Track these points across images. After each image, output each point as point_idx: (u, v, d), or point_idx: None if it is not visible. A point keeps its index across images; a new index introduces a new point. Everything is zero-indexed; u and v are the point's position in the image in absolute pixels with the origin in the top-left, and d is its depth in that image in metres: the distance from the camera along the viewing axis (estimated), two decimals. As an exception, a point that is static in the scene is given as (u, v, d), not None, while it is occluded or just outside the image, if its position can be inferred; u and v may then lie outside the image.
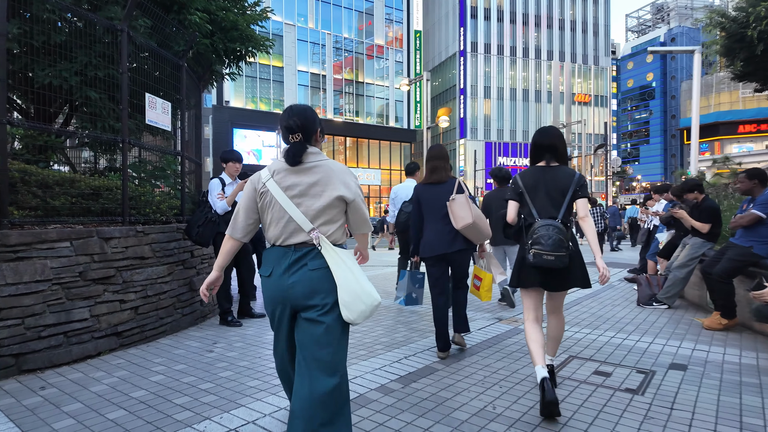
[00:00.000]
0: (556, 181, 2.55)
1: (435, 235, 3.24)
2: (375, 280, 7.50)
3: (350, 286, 1.72)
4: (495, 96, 48.92)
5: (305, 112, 1.87)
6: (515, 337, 3.87)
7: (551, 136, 2.64)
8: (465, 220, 3.09)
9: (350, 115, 40.80)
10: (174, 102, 4.67)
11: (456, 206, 3.15)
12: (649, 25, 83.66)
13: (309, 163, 1.82)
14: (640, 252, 7.79)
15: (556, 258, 2.36)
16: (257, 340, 3.73)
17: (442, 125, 17.40)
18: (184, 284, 4.22)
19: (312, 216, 1.77)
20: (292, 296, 1.73)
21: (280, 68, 37.54)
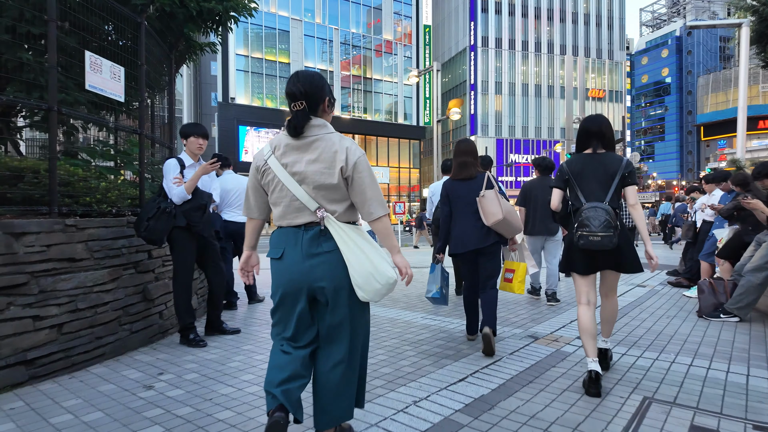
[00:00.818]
0: (604, 167, 2.57)
1: (466, 231, 3.20)
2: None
3: (362, 267, 1.64)
4: (506, 92, 47.71)
5: (312, 78, 1.72)
6: (561, 365, 2.93)
7: (600, 122, 2.65)
8: (495, 216, 3.04)
9: (358, 112, 39.92)
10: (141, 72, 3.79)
11: (486, 202, 3.10)
12: (664, 20, 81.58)
13: (311, 137, 1.69)
14: (684, 251, 6.79)
15: (603, 238, 2.39)
16: (217, 369, 2.83)
17: (454, 117, 16.43)
18: (135, 293, 3.34)
19: (316, 194, 1.66)
20: (310, 278, 1.66)
21: (286, 64, 36.78)
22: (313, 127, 1.70)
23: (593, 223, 2.41)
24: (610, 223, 2.40)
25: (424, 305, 4.84)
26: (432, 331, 3.74)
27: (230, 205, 4.58)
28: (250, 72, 35.46)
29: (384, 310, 4.62)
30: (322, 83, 1.73)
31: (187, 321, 3.33)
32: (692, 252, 6.26)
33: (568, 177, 2.64)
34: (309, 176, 1.66)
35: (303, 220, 1.68)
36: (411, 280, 1.78)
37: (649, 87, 78.52)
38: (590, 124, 2.66)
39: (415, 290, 5.85)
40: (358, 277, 1.64)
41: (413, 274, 1.81)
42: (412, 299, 5.23)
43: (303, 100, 1.67)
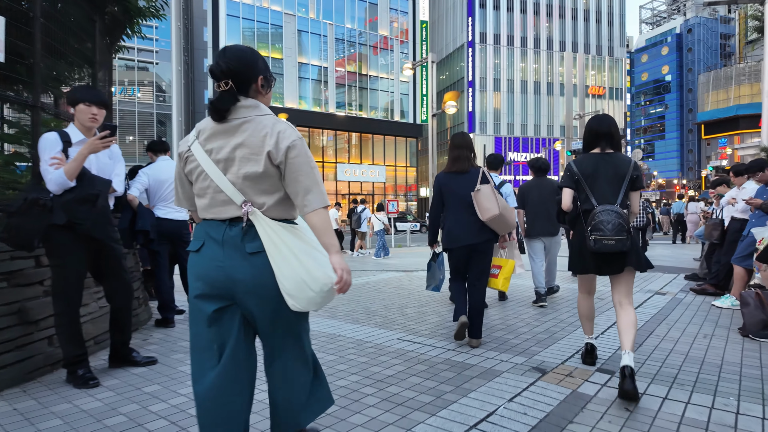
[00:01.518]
0: (614, 168, 2.55)
1: (460, 226, 3.14)
2: (406, 286, 5.74)
3: (293, 272, 1.41)
4: (505, 89, 46.88)
5: (242, 53, 1.49)
6: (581, 419, 2.08)
7: (608, 123, 2.64)
8: (491, 212, 2.99)
9: (353, 109, 39.03)
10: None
11: (482, 197, 3.04)
12: (664, 17, 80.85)
13: (238, 119, 1.45)
14: (707, 254, 5.94)
15: (617, 242, 2.39)
16: (92, 428, 1.98)
17: (449, 111, 15.58)
18: (7, 313, 2.49)
19: (241, 185, 1.44)
20: (231, 284, 1.43)
21: (279, 60, 35.89)
22: (241, 108, 1.46)
23: (607, 227, 2.39)
24: (623, 227, 2.39)
25: (405, 320, 4.00)
26: (407, 362, 2.88)
27: (164, 200, 3.72)
28: (242, 68, 34.58)
29: (354, 328, 3.77)
30: (253, 59, 1.51)
31: (73, 353, 2.47)
32: (718, 254, 5.41)
33: (578, 177, 2.59)
34: (234, 164, 1.45)
35: (229, 215, 1.46)
36: (347, 287, 1.46)
37: (648, 85, 77.80)
38: (599, 124, 2.64)
39: (398, 299, 5.00)
40: (288, 284, 1.41)
41: (351, 281, 1.48)
42: (391, 311, 4.38)
43: (229, 78, 1.43)
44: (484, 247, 3.16)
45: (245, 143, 1.43)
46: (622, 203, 2.52)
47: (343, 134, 39.08)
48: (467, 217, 3.10)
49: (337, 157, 38.66)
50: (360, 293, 5.52)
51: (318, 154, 37.68)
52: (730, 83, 47.52)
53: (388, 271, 7.81)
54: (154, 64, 31.97)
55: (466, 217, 3.10)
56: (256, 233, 1.43)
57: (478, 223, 3.09)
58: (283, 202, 1.50)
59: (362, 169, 39.51)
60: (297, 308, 1.44)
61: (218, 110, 1.44)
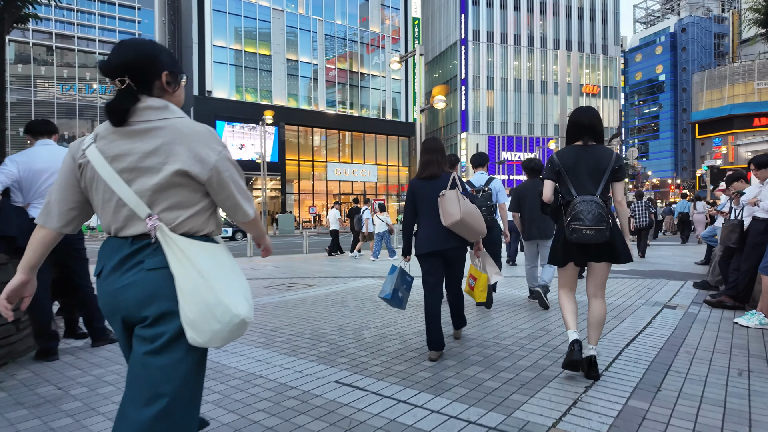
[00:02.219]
0: (595, 160, 2.56)
1: (429, 232, 3.06)
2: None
3: (198, 295, 1.21)
4: (498, 87, 46.21)
5: (139, 46, 1.32)
6: None
7: (591, 116, 2.64)
8: (453, 218, 2.89)
9: (345, 107, 38.18)
10: None
11: (445, 202, 2.95)
12: (658, 16, 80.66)
13: (144, 123, 1.28)
14: (722, 260, 5.16)
15: (597, 232, 2.38)
16: None
17: (438, 106, 14.77)
18: None
19: (149, 198, 1.27)
20: (123, 304, 1.27)
21: (267, 56, 35.01)
22: (146, 110, 1.28)
23: (586, 217, 2.39)
24: (603, 217, 2.39)
25: (358, 348, 3.17)
26: (332, 428, 2.05)
27: (41, 196, 2.88)
28: (228, 64, 33.64)
29: (286, 362, 2.93)
30: (153, 53, 1.32)
31: None
32: (736, 260, 4.63)
33: (559, 169, 2.61)
34: (142, 174, 1.26)
35: (133, 231, 1.28)
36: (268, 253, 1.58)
37: (642, 84, 77.58)
38: (581, 116, 2.65)
39: (359, 317, 4.17)
40: (190, 311, 1.21)
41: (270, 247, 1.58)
42: (345, 335, 3.54)
43: (124, 75, 1.27)
44: (453, 254, 3.08)
45: (158, 151, 1.25)
46: (603, 194, 2.52)
47: (333, 133, 38.22)
48: (437, 223, 3.02)
49: (327, 156, 37.80)
50: (318, 307, 4.69)
51: (308, 153, 36.81)
52: (724, 82, 47.27)
53: (362, 278, 6.98)
54: (137, 59, 30.94)
55: (436, 222, 3.02)
56: (160, 249, 1.27)
57: (447, 230, 3.00)
58: (200, 216, 1.33)
59: (353, 169, 38.66)
60: (198, 343, 1.23)
61: (115, 112, 1.26)
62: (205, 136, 1.30)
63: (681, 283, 6.06)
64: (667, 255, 10.38)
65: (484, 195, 4.40)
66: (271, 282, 6.57)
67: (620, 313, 4.24)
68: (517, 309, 4.53)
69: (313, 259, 10.54)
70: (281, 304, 4.84)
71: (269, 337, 3.48)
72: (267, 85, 35.02)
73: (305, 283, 6.43)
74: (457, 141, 45.96)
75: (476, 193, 4.40)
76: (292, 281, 6.67)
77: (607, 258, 2.56)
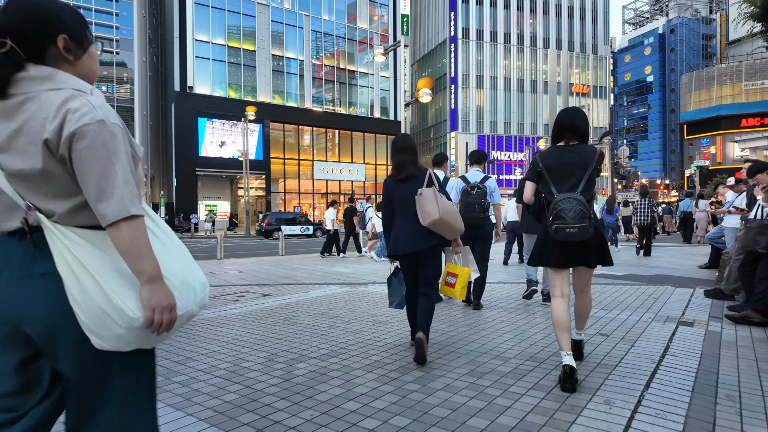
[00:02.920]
0: (578, 159, 2.54)
1: (406, 232, 2.98)
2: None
3: (88, 299, 1.06)
4: (488, 86, 45.61)
5: (32, 3, 1.10)
6: None
7: (574, 115, 2.62)
8: (431, 216, 2.81)
9: (332, 105, 37.27)
10: None
11: (423, 201, 2.87)
12: (647, 17, 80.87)
13: (19, 96, 1.08)
14: (743, 266, 4.41)
15: (579, 230, 2.36)
16: None
17: (423, 99, 14.01)
18: None
19: (21, 186, 1.09)
20: (18, 318, 1.09)
21: (251, 52, 34.00)
22: (25, 80, 1.08)
23: (568, 215, 2.37)
24: (584, 214, 2.37)
25: (278, 396, 2.34)
26: None
27: None
28: (211, 60, 32.55)
29: (164, 426, 2.09)
30: (49, 12, 1.11)
31: None
32: (765, 268, 3.87)
33: (540, 169, 2.60)
34: (8, 157, 1.09)
35: (15, 225, 1.11)
36: (164, 329, 1.10)
37: (631, 85, 77.68)
38: (563, 117, 2.65)
39: (306, 340, 3.33)
40: (84, 315, 1.06)
41: (171, 319, 1.10)
42: (271, 371, 2.70)
43: (5, 37, 1.06)
44: (429, 253, 2.99)
45: (22, 129, 1.06)
46: (585, 192, 2.49)
47: (320, 131, 37.30)
48: (413, 223, 2.95)
49: (314, 154, 36.85)
50: (259, 326, 3.84)
51: (294, 151, 35.84)
52: (712, 83, 47.29)
53: (329, 285, 6.14)
54: (114, 53, 29.74)
55: (412, 223, 2.96)
56: (47, 248, 1.10)
57: (425, 230, 2.93)
58: (83, 208, 1.12)
59: (341, 167, 37.75)
60: (102, 346, 1.09)
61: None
62: (77, 106, 1.05)
63: (689, 291, 5.32)
64: (666, 257, 9.68)
65: (478, 192, 4.31)
66: (221, 291, 5.70)
67: (627, 333, 3.46)
68: (503, 307, 3.72)
69: (286, 262, 9.67)
70: (214, 322, 3.99)
71: (165, 376, 2.62)
72: (251, 82, 34.01)
73: (261, 292, 5.57)
74: (447, 140, 45.26)
75: (470, 189, 4.33)
76: (246, 289, 5.80)
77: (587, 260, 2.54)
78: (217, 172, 32.28)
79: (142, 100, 32.28)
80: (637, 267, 7.85)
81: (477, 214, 4.24)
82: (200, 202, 32.97)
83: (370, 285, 6.13)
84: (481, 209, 4.26)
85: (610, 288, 5.60)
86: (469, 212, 4.22)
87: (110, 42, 29.99)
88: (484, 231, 4.35)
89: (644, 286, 5.70)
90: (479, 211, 4.23)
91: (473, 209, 4.24)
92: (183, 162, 31.24)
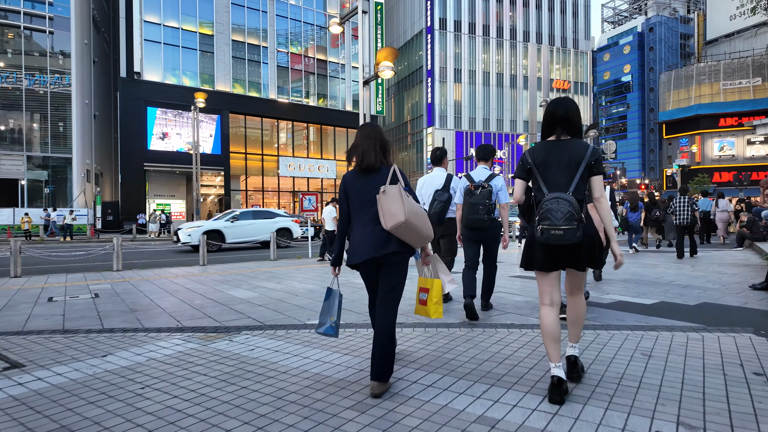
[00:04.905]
0: (568, 154, 2.33)
1: (363, 237, 2.49)
2: None
3: None
4: (466, 80, 43.54)
5: None
6: None
7: (566, 107, 2.39)
8: (395, 219, 2.33)
9: (298, 96, 34.52)
10: None
11: (386, 200, 2.39)
12: (626, 16, 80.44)
13: None
14: None
15: (566, 231, 2.17)
16: None
17: (385, 75, 11.50)
18: None
19: None
20: None
21: (209, 36, 31.02)
22: None
23: (555, 216, 2.18)
24: (573, 215, 2.16)
25: None
26: None
27: None
28: (162, 43, 29.45)
29: None
30: None
31: None
32: None
33: (530, 167, 2.41)
34: None
35: None
36: None
37: (610, 84, 77.06)
38: (556, 107, 2.41)
39: None
40: None
41: None
42: None
43: None
44: (390, 259, 2.45)
45: None
46: (577, 192, 2.28)
47: (286, 124, 34.51)
48: (373, 225, 2.48)
49: (279, 149, 34.03)
50: None
51: (257, 145, 32.98)
52: (690, 82, 46.54)
53: (245, 333, 3.59)
54: (47, 33, 26.38)
55: (372, 225, 2.48)
56: None
57: (385, 233, 2.44)
58: None
59: (309, 164, 35.04)
60: None
61: None
62: None
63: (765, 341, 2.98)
64: (687, 268, 7.41)
65: (483, 192, 3.93)
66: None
67: None
68: None
69: (201, 275, 7.06)
70: None
71: None
72: (209, 69, 31.05)
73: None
74: (423, 136, 43.03)
75: (474, 189, 3.99)
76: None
77: (577, 264, 2.31)
78: (169, 167, 29.21)
79: (82, 88, 28.94)
80: (669, 287, 5.53)
81: (481, 216, 3.91)
82: (151, 201, 29.84)
83: (256, 333, 3.61)
84: (486, 210, 3.91)
85: (636, 337, 3.19)
86: (473, 214, 3.92)
87: (42, 20, 26.62)
88: (489, 235, 4.06)
89: (694, 333, 3.33)
90: (483, 212, 3.90)
91: (477, 210, 3.90)
92: (129, 156, 28.08)
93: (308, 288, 5.83)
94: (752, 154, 42.11)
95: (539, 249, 2.31)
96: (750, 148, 42.38)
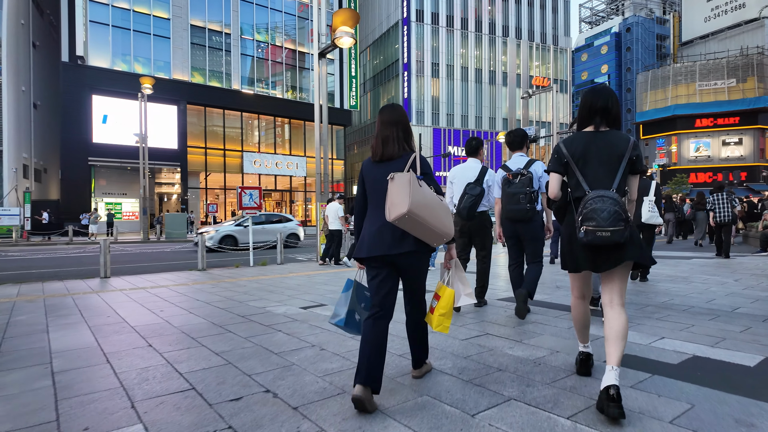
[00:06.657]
0: (609, 147, 2.15)
1: (374, 230, 2.22)
2: None
3: None
4: (444, 75, 41.75)
5: None
6: None
7: (606, 96, 2.21)
8: (398, 209, 2.03)
9: (265, 87, 32.06)
10: None
11: (393, 188, 2.09)
12: (603, 16, 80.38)
13: None
14: None
15: (613, 233, 1.99)
16: None
17: (343, 44, 9.41)
18: None
19: None
20: None
21: (165, 20, 28.29)
22: None
23: (601, 216, 2.00)
24: (620, 215, 1.99)
25: None
26: None
27: None
28: (110, 26, 26.61)
29: None
30: None
31: None
32: None
33: (567, 160, 2.22)
34: None
35: None
36: None
37: (588, 84, 76.85)
38: (595, 97, 2.22)
39: None
40: None
41: None
42: None
43: None
44: (405, 261, 2.19)
45: None
46: (619, 188, 2.11)
47: (251, 117, 32.01)
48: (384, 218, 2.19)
49: (243, 144, 31.47)
50: None
51: (218, 140, 30.37)
52: (667, 83, 46.18)
53: None
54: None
55: (385, 218, 2.18)
56: None
57: (400, 229, 2.15)
58: None
59: (277, 160, 32.58)
60: None
61: None
62: None
63: None
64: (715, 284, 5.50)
65: (522, 180, 3.61)
66: None
67: None
68: None
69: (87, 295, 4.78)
70: None
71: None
72: (164, 56, 28.32)
73: None
74: (399, 132, 41.04)
75: (512, 178, 3.68)
76: None
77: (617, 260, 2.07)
78: (119, 162, 26.36)
79: (17, 73, 25.87)
80: (742, 319, 3.54)
81: (523, 206, 3.54)
82: (98, 199, 26.95)
83: None
84: (528, 199, 3.52)
85: None
86: (513, 204, 3.59)
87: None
88: (532, 228, 3.67)
89: None
90: (525, 201, 3.52)
91: (518, 200, 3.54)
92: (71, 149, 25.17)
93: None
94: (727, 155, 41.84)
95: (582, 250, 2.13)
96: (725, 149, 42.13)
